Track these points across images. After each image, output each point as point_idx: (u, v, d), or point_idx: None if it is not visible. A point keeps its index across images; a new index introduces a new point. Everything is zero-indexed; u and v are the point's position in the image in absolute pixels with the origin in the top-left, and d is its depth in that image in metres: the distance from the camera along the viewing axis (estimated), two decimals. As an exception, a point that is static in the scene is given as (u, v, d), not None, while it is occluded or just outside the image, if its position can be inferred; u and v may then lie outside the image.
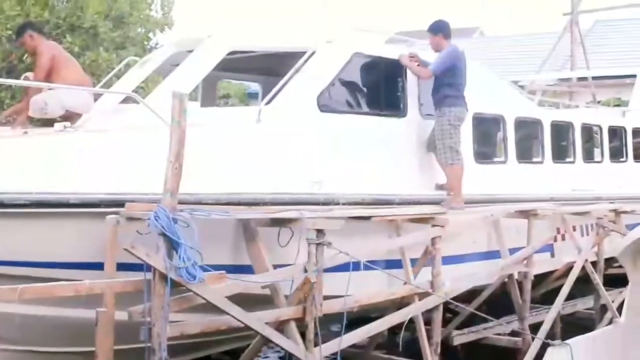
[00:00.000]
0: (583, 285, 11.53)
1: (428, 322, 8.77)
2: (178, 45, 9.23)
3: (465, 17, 76.96)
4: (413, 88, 9.21)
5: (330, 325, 8.71)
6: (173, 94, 6.12)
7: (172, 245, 6.08)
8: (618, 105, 23.30)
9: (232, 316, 6.63)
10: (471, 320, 10.15)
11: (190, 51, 8.68)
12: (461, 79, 9.02)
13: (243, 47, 8.85)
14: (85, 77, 8.87)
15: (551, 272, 11.33)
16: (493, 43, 37.16)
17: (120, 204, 6.63)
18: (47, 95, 8.02)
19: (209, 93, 10.20)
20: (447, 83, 8.92)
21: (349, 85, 8.82)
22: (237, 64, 9.49)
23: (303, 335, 7.27)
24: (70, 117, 8.36)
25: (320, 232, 7.13)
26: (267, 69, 10.26)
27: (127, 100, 8.51)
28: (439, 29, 9.26)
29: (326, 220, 7.17)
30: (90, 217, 6.64)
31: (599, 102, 22.21)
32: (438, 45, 9.21)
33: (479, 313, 8.85)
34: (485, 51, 34.70)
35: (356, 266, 7.59)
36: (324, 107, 8.28)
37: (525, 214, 9.97)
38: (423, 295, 8.50)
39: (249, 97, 29.52)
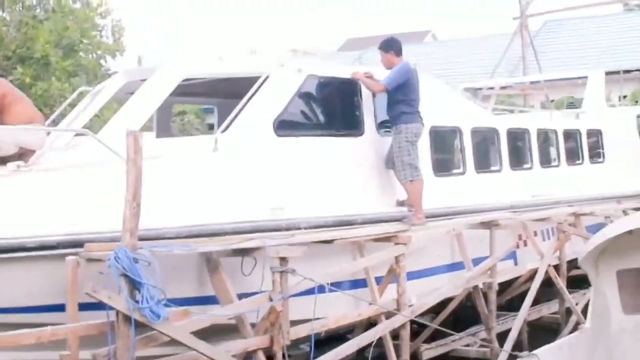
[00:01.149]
0: (547, 288, 11.65)
1: (397, 336, 8.78)
2: (131, 74, 9.14)
3: (417, 21, 77.75)
4: (369, 105, 9.23)
5: (300, 345, 8.71)
6: (127, 133, 6.05)
7: (134, 285, 6.00)
8: (571, 103, 23.68)
9: (199, 352, 6.56)
10: (440, 332, 10.18)
11: (143, 80, 8.60)
12: (415, 94, 9.07)
13: (196, 74, 8.79)
14: (37, 113, 8.75)
15: (515, 278, 11.42)
16: (446, 47, 37.46)
17: (79, 244, 6.54)
18: None
19: (164, 119, 10.11)
20: (402, 100, 8.97)
21: (305, 108, 8.83)
22: (191, 89, 9.44)
23: (271, 363, 7.24)
24: (24, 154, 8.25)
25: (283, 259, 7.10)
26: (222, 91, 10.21)
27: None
28: (390, 47, 9.31)
29: (289, 248, 7.14)
30: (49, 259, 6.54)
31: (552, 101, 22.54)
32: (390, 62, 9.26)
33: (446, 330, 8.88)
34: (439, 55, 35.06)
35: (322, 289, 7.60)
36: (280, 132, 8.26)
37: (487, 225, 10.05)
38: (390, 313, 8.51)
39: (205, 112, 29.43)
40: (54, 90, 13.36)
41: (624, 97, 26.33)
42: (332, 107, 9.21)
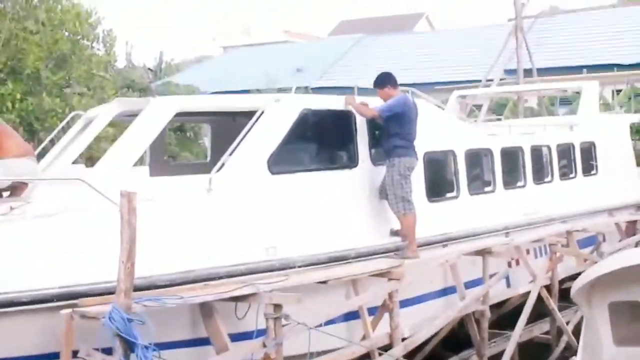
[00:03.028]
0: (538, 302, 11.66)
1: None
2: (125, 104, 9.07)
3: (411, 2, 77.57)
4: (363, 136, 9.19)
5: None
6: (121, 193, 6.02)
7: (129, 345, 6.01)
8: (566, 99, 23.66)
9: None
10: (433, 357, 10.25)
11: (138, 110, 8.53)
12: (410, 128, 9.04)
13: (189, 108, 8.76)
14: (28, 147, 8.78)
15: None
16: (440, 37, 37.35)
17: (74, 296, 6.55)
18: None
19: (158, 154, 10.04)
20: (397, 133, 8.95)
21: (299, 143, 8.80)
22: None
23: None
24: (17, 187, 8.28)
25: (277, 306, 7.11)
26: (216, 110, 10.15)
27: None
28: (385, 82, 9.27)
29: (283, 295, 7.14)
30: (44, 311, 6.54)
31: (543, 97, 22.61)
32: (387, 95, 9.20)
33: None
34: (432, 46, 34.95)
35: None
36: (274, 169, 8.23)
37: (480, 253, 10.07)
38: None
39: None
40: (45, 104, 13.28)
41: (618, 92, 26.32)
42: (327, 140, 9.19)
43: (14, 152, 8.29)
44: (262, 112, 8.29)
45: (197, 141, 27.06)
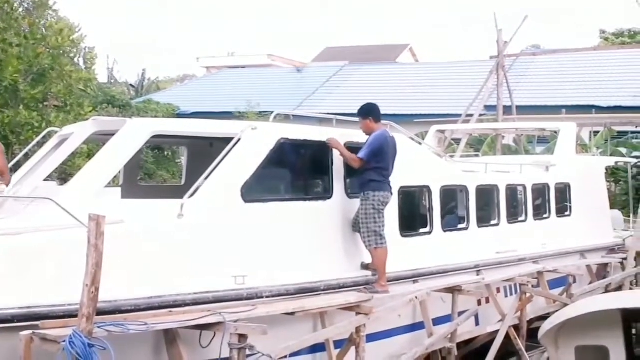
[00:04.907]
0: (505, 341, 11.62)
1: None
2: (101, 124, 8.99)
3: (396, 33, 78.21)
4: (339, 168, 9.16)
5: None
6: (90, 217, 5.94)
7: (88, 371, 5.90)
8: (544, 138, 23.82)
9: None
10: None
11: (114, 130, 8.46)
12: (386, 164, 9.03)
13: (166, 130, 8.70)
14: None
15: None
16: (423, 69, 37.62)
17: (35, 317, 6.42)
18: None
19: (131, 175, 9.96)
20: (372, 168, 8.93)
21: (275, 172, 8.75)
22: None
23: None
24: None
25: (243, 336, 7.02)
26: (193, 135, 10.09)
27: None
28: (369, 113, 9.25)
29: (248, 326, 7.05)
30: (2, 332, 6.41)
31: (521, 135, 22.77)
32: (368, 128, 9.21)
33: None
34: (415, 78, 35.17)
35: None
36: (248, 197, 8.15)
37: (450, 290, 10.05)
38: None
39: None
40: (21, 118, 13.16)
41: (596, 133, 26.54)
42: (302, 171, 9.15)
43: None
44: (239, 139, 8.24)
45: (175, 160, 27.00)
